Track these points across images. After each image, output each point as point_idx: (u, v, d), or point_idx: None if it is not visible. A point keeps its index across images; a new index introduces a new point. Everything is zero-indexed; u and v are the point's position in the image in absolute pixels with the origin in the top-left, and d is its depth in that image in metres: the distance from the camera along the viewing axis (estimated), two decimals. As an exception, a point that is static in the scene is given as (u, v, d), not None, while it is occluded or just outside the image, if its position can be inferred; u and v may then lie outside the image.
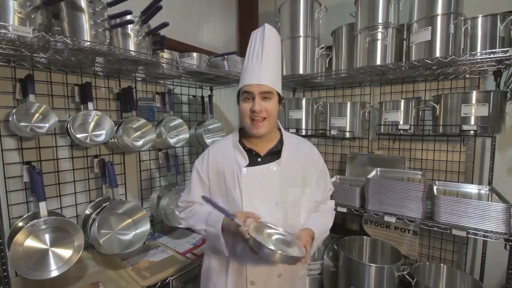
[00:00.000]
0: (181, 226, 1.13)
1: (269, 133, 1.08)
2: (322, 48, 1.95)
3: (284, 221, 1.03)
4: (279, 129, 1.17)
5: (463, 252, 1.85)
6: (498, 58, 1.37)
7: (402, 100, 1.73)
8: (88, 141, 1.45)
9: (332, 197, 1.26)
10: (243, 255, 1.03)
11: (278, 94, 1.06)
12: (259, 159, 1.08)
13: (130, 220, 1.51)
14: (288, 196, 1.05)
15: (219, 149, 1.14)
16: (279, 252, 0.83)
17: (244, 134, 1.13)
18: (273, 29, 1.07)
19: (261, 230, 0.94)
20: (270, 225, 0.97)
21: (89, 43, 1.17)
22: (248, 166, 1.04)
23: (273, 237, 0.93)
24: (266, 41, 1.02)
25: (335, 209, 1.69)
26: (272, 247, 0.83)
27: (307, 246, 0.92)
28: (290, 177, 1.07)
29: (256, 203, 1.02)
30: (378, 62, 1.63)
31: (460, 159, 1.83)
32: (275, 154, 1.09)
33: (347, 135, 1.91)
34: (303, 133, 2.06)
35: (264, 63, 1.01)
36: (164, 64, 1.58)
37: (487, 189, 1.62)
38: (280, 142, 1.12)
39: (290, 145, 1.11)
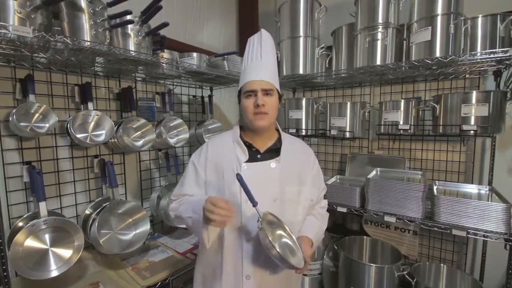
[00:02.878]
0: (181, 226, 1.13)
1: (268, 129, 1.11)
2: (322, 48, 1.95)
3: (282, 218, 1.04)
4: (277, 130, 1.19)
5: (463, 252, 1.85)
6: (498, 58, 1.37)
7: (402, 100, 1.73)
8: (88, 141, 1.45)
9: (325, 197, 1.28)
10: (239, 249, 1.04)
11: (278, 92, 1.09)
12: (258, 156, 1.09)
13: (130, 220, 1.51)
14: (286, 193, 1.07)
15: (218, 144, 1.14)
16: (280, 253, 0.86)
17: (243, 131, 1.14)
18: (269, 34, 1.12)
19: (274, 226, 0.97)
20: (285, 227, 1.00)
21: (89, 43, 1.17)
22: (248, 162, 1.05)
23: (282, 240, 0.97)
24: (264, 44, 1.07)
25: (335, 209, 1.71)
26: (277, 249, 0.87)
27: (308, 260, 0.96)
28: (288, 175, 1.08)
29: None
30: (378, 62, 1.63)
31: (460, 159, 1.83)
32: (274, 151, 1.10)
33: (347, 135, 1.90)
34: (303, 133, 2.06)
35: (264, 62, 1.06)
36: (164, 64, 1.58)
37: (487, 189, 1.62)
38: (279, 140, 1.14)
39: (288, 144, 1.14)
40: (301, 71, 1.92)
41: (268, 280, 1.06)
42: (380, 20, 1.61)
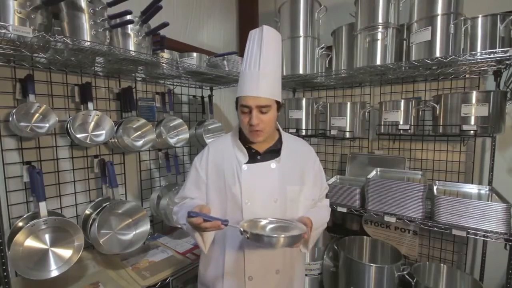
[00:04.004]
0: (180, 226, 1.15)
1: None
2: (322, 48, 1.95)
3: (284, 218, 1.03)
4: (278, 129, 1.18)
5: (463, 252, 1.85)
6: (498, 58, 1.37)
7: (402, 100, 1.73)
8: (88, 141, 1.45)
9: (327, 196, 1.28)
10: (240, 250, 1.04)
11: (277, 102, 1.05)
12: (258, 157, 1.09)
13: (130, 220, 1.51)
14: (287, 193, 1.06)
15: (219, 146, 1.15)
16: (282, 236, 0.84)
17: (243, 133, 1.14)
18: (272, 30, 1.03)
19: (254, 225, 0.95)
20: (260, 219, 0.98)
21: (89, 43, 1.17)
22: (248, 163, 1.06)
23: (268, 227, 0.95)
24: (264, 46, 0.99)
25: (335, 209, 1.71)
26: (273, 235, 0.85)
27: (307, 222, 0.95)
28: (288, 175, 1.08)
29: (256, 200, 1.03)
30: (378, 62, 1.63)
31: (460, 159, 1.83)
32: (274, 152, 1.10)
33: (347, 135, 1.90)
34: (303, 133, 2.06)
35: (262, 71, 0.98)
36: (164, 64, 1.58)
37: (487, 189, 1.62)
38: (279, 141, 1.14)
39: (289, 145, 1.13)
40: (301, 71, 1.92)
41: (271, 280, 1.06)
42: (380, 20, 1.60)
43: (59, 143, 1.51)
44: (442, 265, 1.71)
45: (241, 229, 0.88)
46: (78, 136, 1.40)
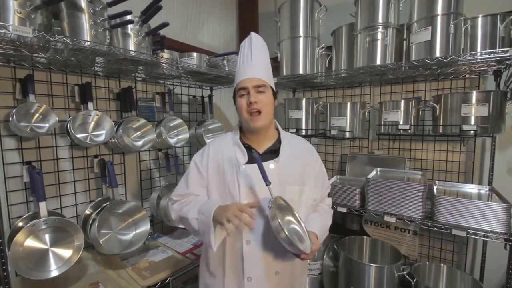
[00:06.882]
0: (180, 226, 1.13)
1: (267, 129, 1.10)
2: (322, 48, 1.95)
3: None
4: (277, 129, 1.18)
5: (463, 252, 1.85)
6: (498, 58, 1.37)
7: (402, 100, 1.73)
8: (88, 141, 1.45)
9: (329, 195, 1.28)
10: (239, 251, 1.04)
11: (272, 89, 1.09)
12: None
13: (130, 220, 1.51)
14: (286, 194, 1.06)
15: (220, 146, 1.15)
16: (286, 233, 0.87)
17: (243, 132, 1.15)
18: (259, 36, 1.14)
19: (284, 212, 0.99)
20: (295, 213, 1.00)
21: (89, 43, 1.17)
22: (247, 163, 1.05)
23: (291, 226, 0.98)
24: (254, 47, 1.09)
25: (335, 209, 1.71)
26: (286, 232, 0.87)
27: (314, 249, 0.96)
28: (288, 175, 1.07)
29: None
30: (378, 62, 1.63)
31: (460, 159, 1.83)
32: (273, 152, 1.10)
33: (347, 135, 1.90)
34: (303, 133, 2.06)
35: (255, 62, 1.07)
36: (164, 64, 1.58)
37: (487, 189, 1.62)
38: (278, 141, 1.14)
39: (288, 144, 1.13)
40: (301, 71, 1.92)
41: (270, 281, 1.06)
42: (380, 20, 1.60)
43: (59, 143, 1.51)
44: (442, 265, 1.71)
45: (272, 200, 0.94)
46: (78, 136, 1.40)
